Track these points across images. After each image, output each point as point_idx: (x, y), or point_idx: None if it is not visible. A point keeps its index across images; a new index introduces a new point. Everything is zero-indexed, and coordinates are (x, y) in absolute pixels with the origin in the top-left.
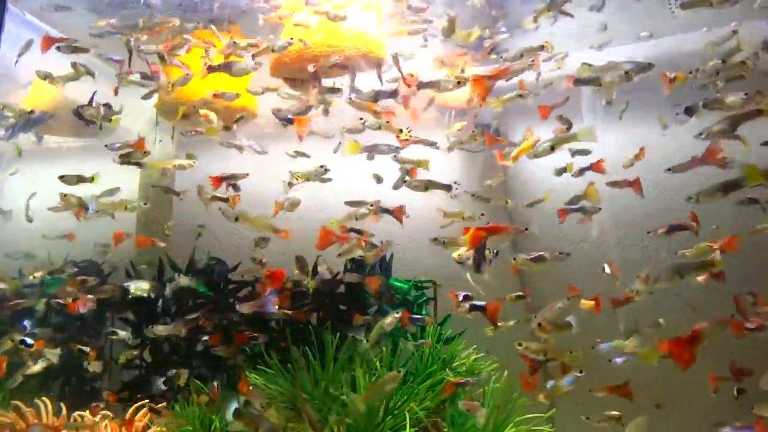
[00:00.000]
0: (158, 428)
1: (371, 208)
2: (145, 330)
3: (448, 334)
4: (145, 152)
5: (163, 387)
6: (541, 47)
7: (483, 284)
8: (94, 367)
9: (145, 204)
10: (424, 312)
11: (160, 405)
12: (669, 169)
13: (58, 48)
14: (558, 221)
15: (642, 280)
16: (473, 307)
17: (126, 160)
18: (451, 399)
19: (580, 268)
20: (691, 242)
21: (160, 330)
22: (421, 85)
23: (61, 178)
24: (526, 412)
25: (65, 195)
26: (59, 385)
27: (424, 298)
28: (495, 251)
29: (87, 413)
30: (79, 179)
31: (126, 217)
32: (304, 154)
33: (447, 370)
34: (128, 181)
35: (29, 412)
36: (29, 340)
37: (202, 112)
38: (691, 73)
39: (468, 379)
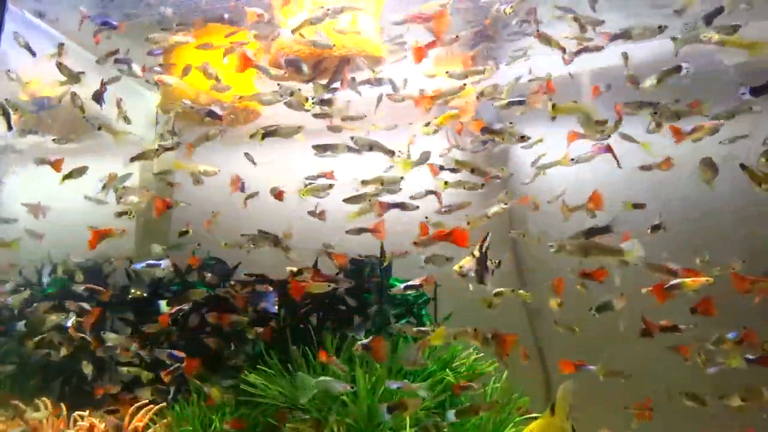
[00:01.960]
0: (158, 428)
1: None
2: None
3: None
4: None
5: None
6: None
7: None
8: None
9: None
10: (423, 312)
11: (159, 405)
12: None
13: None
14: (557, 221)
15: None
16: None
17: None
18: (451, 399)
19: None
20: (691, 243)
21: (112, 338)
22: (485, 131)
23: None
24: (526, 412)
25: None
26: (59, 385)
27: (424, 298)
28: (497, 261)
29: (87, 413)
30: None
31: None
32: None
33: (447, 370)
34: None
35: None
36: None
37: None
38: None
39: (471, 383)
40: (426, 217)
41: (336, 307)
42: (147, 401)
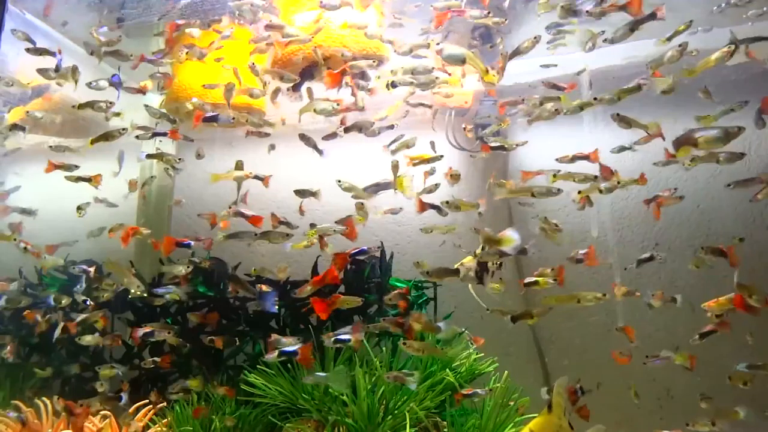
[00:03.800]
0: (158, 428)
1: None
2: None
3: None
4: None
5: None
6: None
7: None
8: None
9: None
10: (423, 312)
11: (159, 405)
12: None
13: (27, 50)
14: (559, 222)
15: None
16: (282, 353)
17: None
18: (451, 399)
19: (580, 268)
20: (691, 244)
21: (88, 340)
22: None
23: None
24: (526, 412)
25: None
26: (59, 385)
27: (424, 298)
28: (499, 263)
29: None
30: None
31: (125, 216)
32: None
33: (447, 370)
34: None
35: (29, 412)
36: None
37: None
38: None
39: (477, 390)
40: None
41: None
42: (147, 401)
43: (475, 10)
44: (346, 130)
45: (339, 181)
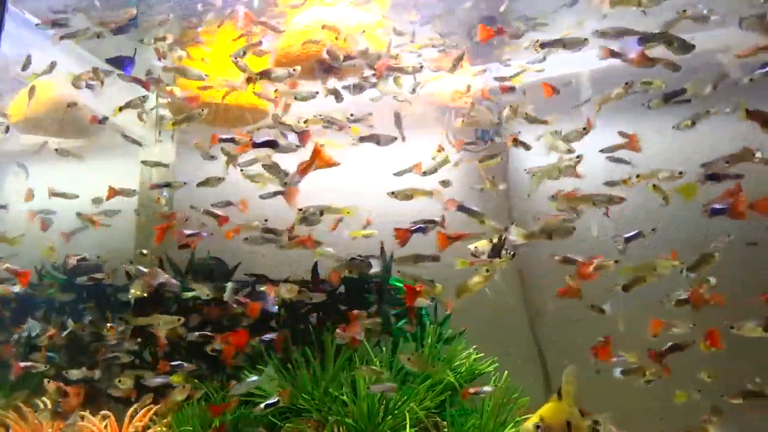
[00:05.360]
0: (158, 428)
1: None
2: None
3: (448, 334)
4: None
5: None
6: None
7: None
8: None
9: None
10: (424, 312)
11: (159, 405)
12: None
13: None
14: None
15: None
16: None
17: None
18: (451, 399)
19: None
20: (690, 242)
21: (75, 374)
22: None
23: None
24: (526, 413)
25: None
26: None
27: None
28: (512, 252)
29: (87, 413)
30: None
31: (125, 216)
32: None
33: (447, 370)
34: (128, 180)
35: (29, 412)
36: None
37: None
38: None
39: (485, 387)
40: None
41: (336, 306)
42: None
43: None
44: (362, 139)
45: (242, 170)
